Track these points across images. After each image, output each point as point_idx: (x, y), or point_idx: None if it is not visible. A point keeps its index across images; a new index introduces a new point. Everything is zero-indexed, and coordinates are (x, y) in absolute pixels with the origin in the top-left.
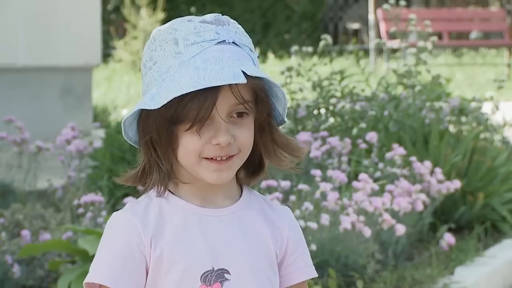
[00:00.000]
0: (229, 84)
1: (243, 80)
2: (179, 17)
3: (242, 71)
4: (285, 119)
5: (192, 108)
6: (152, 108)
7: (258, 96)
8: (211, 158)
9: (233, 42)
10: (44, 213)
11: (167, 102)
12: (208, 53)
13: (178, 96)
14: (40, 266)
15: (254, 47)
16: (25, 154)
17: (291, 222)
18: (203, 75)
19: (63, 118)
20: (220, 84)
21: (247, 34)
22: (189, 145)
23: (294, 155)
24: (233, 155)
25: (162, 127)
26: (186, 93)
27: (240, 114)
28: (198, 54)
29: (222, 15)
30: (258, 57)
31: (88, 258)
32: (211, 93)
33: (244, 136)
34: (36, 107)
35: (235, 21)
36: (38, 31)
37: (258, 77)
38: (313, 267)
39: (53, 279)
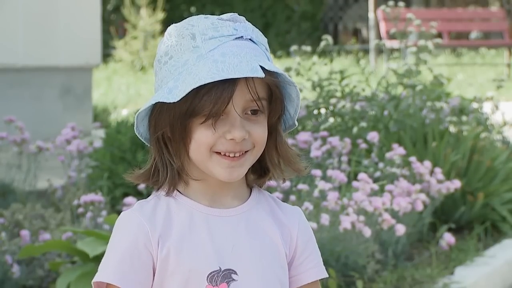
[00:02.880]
0: (246, 79)
1: (261, 74)
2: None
3: (260, 66)
4: (296, 122)
5: (208, 100)
6: (171, 101)
7: (273, 93)
8: (224, 154)
9: (250, 39)
10: (44, 213)
11: (185, 95)
12: (226, 48)
13: (195, 89)
14: (40, 266)
15: None
16: (25, 154)
17: (300, 222)
18: (221, 67)
19: (63, 118)
20: (238, 77)
21: (262, 34)
22: (202, 138)
23: (293, 168)
24: (247, 151)
25: (176, 121)
26: (203, 86)
27: (254, 112)
28: (216, 48)
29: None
30: None
31: (88, 259)
32: (228, 86)
33: (258, 132)
34: (36, 107)
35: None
36: (38, 31)
37: (273, 74)
38: (324, 267)
39: (53, 279)
